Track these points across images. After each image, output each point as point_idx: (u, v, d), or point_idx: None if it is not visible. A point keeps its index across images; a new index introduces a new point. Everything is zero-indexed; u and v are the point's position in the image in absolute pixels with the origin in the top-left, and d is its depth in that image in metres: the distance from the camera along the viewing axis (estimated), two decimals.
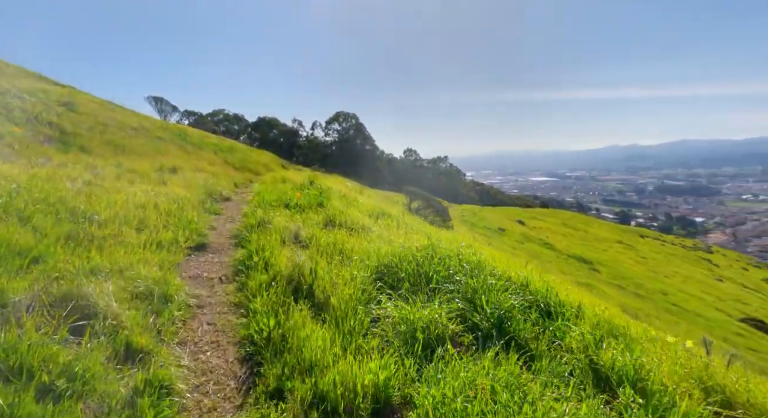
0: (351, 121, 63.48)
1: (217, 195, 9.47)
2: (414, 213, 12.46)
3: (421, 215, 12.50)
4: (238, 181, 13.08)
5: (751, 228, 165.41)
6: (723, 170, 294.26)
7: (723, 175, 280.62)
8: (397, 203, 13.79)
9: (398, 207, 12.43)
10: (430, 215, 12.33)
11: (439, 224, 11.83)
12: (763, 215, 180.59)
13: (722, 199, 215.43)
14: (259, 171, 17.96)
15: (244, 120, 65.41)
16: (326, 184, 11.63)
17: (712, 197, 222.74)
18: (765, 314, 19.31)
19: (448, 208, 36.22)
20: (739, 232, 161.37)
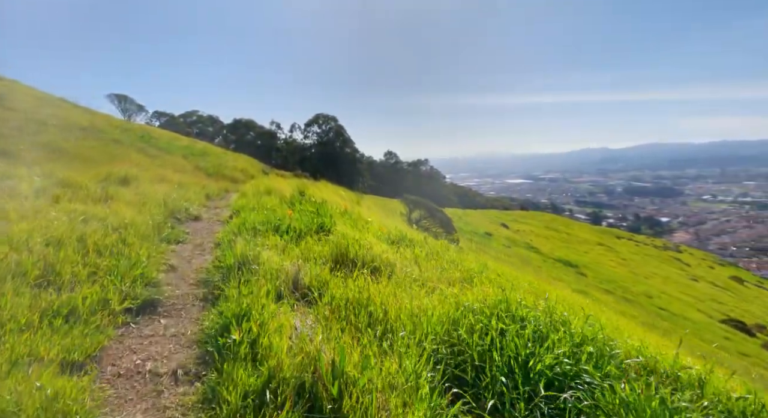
0: (331, 123, 62.45)
1: (183, 213, 7.44)
2: (414, 224, 11.48)
3: (422, 226, 11.51)
4: (212, 191, 10.98)
5: (711, 227, 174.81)
6: (686, 172, 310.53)
7: (686, 177, 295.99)
8: (395, 212, 12.78)
9: (398, 218, 11.47)
10: (434, 226, 11.34)
11: (444, 237, 10.85)
12: (722, 214, 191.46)
13: (685, 200, 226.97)
14: (237, 178, 15.70)
15: (219, 122, 63.23)
16: (320, 196, 10.20)
17: (675, 198, 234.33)
18: (740, 313, 19.90)
19: None
20: (700, 231, 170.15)
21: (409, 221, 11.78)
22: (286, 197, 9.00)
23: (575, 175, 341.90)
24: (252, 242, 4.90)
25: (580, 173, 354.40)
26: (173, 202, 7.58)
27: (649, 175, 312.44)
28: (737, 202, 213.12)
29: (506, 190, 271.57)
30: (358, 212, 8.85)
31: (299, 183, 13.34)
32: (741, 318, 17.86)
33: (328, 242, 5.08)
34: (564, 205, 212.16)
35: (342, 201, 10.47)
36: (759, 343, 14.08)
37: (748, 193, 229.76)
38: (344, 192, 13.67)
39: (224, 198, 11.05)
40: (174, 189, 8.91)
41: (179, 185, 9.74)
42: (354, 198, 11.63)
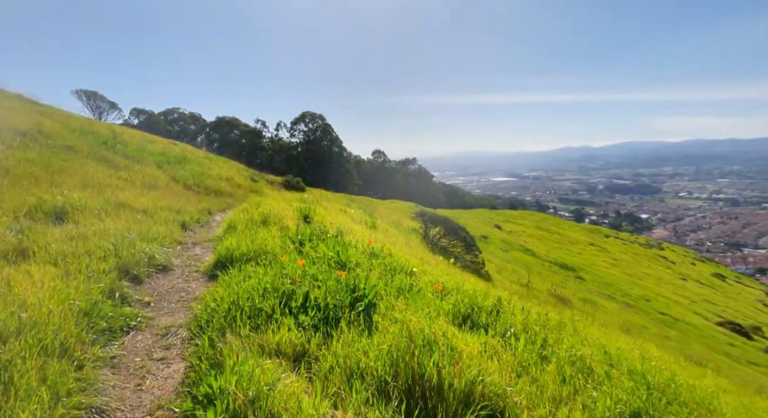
0: (318, 121, 61.24)
1: (143, 264, 4.85)
2: (434, 244, 10.18)
3: (440, 245, 10.15)
4: (189, 216, 8.17)
5: (687, 223, 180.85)
6: (663, 170, 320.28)
7: (663, 175, 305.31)
8: (401, 220, 11.58)
9: (414, 238, 10.14)
10: (457, 246, 10.23)
11: (467, 262, 9.49)
12: (698, 211, 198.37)
13: (663, 197, 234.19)
14: (222, 191, 13.31)
15: (201, 120, 61.22)
16: (327, 218, 7.91)
17: (654, 195, 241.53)
18: (732, 314, 20.10)
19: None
20: (678, 227, 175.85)
21: (425, 238, 10.57)
22: (289, 229, 6.33)
23: (558, 173, 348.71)
24: (252, 346, 2.75)
25: (562, 171, 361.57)
26: (130, 246, 4.93)
27: (629, 173, 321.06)
28: (711, 198, 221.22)
29: (492, 188, 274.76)
30: (390, 250, 5.72)
31: (300, 202, 10.27)
32: (734, 319, 17.98)
33: (378, 335, 2.91)
34: (548, 202, 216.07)
35: (355, 225, 8.34)
36: (760, 347, 14.08)
37: (721, 191, 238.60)
38: (354, 210, 11.10)
39: (206, 225, 8.44)
40: (136, 221, 6.17)
41: (144, 213, 6.95)
42: (367, 220, 9.32)
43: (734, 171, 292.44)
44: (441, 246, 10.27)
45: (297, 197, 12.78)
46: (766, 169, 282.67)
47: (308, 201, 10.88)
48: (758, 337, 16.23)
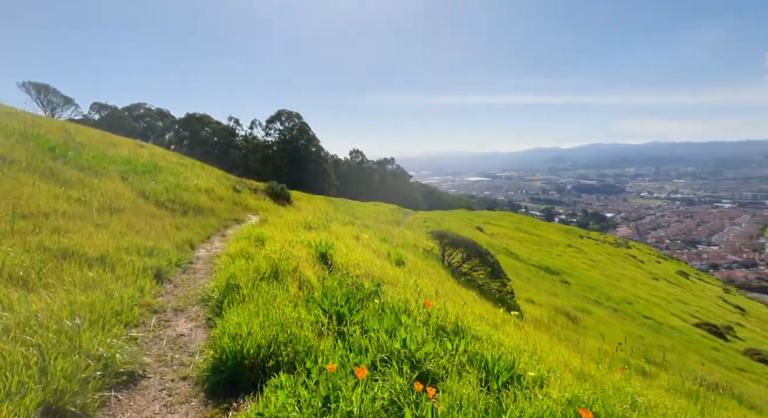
0: (294, 120, 59.61)
1: (91, 384, 2.67)
2: (454, 270, 8.66)
3: (461, 271, 8.86)
4: (166, 259, 5.93)
5: (648, 221, 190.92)
6: (626, 171, 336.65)
7: (626, 176, 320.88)
8: (412, 244, 10.45)
9: (435, 263, 8.30)
10: (479, 269, 8.74)
11: (494, 292, 8.26)
12: (657, 210, 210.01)
13: (626, 197, 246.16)
14: (203, 207, 11.02)
15: (170, 116, 58.14)
16: (357, 263, 5.83)
17: (618, 195, 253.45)
18: (705, 314, 20.92)
19: (408, 215, 35.10)
20: (640, 225, 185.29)
21: (442, 261, 9.22)
22: (312, 287, 4.62)
23: (529, 174, 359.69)
24: None
25: (533, 172, 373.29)
26: (72, 348, 2.87)
27: (595, 174, 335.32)
28: (669, 198, 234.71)
29: (465, 187, 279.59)
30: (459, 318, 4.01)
31: (304, 228, 8.03)
32: (707, 319, 18.68)
33: None
34: (520, 202, 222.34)
35: (379, 260, 6.42)
36: (738, 349, 14.56)
37: (678, 191, 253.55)
38: (368, 233, 8.94)
39: (190, 269, 6.19)
40: (86, 286, 4.03)
41: (101, 264, 4.71)
42: (390, 252, 7.46)
43: (689, 172, 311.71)
44: (462, 272, 8.79)
45: (297, 221, 9.14)
46: (717, 170, 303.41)
47: (314, 226, 8.44)
48: (731, 337, 16.90)
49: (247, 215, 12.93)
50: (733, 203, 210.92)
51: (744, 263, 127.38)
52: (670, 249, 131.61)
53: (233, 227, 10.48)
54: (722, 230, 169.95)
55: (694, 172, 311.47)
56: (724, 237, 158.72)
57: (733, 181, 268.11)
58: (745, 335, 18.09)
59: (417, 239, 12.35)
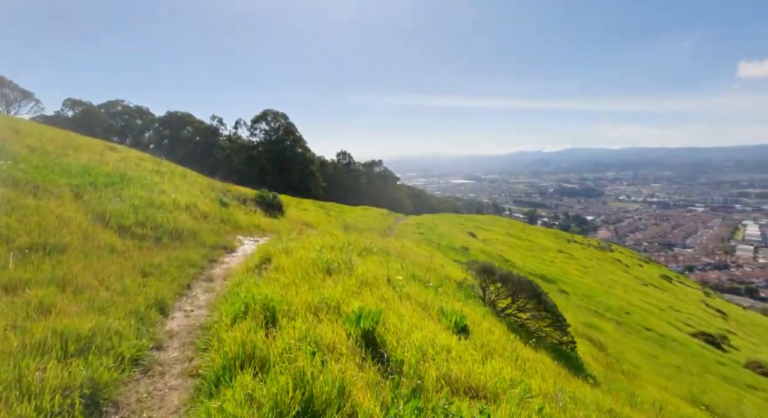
0: (280, 120, 58.20)
1: None
2: (499, 312, 7.09)
3: (507, 313, 7.22)
4: (106, 356, 3.36)
5: (626, 224, 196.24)
6: (605, 175, 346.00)
7: (605, 179, 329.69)
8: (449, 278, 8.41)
9: (476, 305, 6.72)
10: (531, 317, 7.01)
11: (551, 341, 6.74)
12: (635, 213, 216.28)
13: (605, 200, 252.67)
14: (181, 231, 8.54)
15: (149, 114, 55.87)
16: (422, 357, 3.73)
17: (597, 198, 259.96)
18: (697, 321, 20.98)
19: (400, 219, 34.36)
20: (619, 228, 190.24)
21: (483, 300, 7.48)
22: None
23: (513, 177, 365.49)
24: None
25: (517, 175, 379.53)
26: None
27: (576, 177, 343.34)
28: (646, 202, 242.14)
29: (451, 189, 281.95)
30: None
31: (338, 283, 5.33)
32: (702, 328, 18.68)
33: None
34: (504, 204, 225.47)
35: (430, 322, 4.70)
36: (739, 362, 14.44)
37: (654, 194, 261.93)
38: (418, 288, 6.23)
39: (153, 367, 3.69)
40: None
41: None
42: (448, 312, 5.13)
43: (665, 177, 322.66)
44: (507, 314, 7.14)
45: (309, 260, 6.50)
46: (691, 175, 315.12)
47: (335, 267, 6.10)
48: (727, 347, 16.87)
49: (238, 237, 10.22)
50: (706, 207, 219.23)
51: (716, 265, 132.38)
52: (648, 251, 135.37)
53: (222, 260, 7.89)
54: (696, 233, 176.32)
55: (670, 177, 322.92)
56: (697, 240, 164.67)
57: (705, 186, 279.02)
58: (738, 343, 18.14)
59: (445, 267, 10.56)
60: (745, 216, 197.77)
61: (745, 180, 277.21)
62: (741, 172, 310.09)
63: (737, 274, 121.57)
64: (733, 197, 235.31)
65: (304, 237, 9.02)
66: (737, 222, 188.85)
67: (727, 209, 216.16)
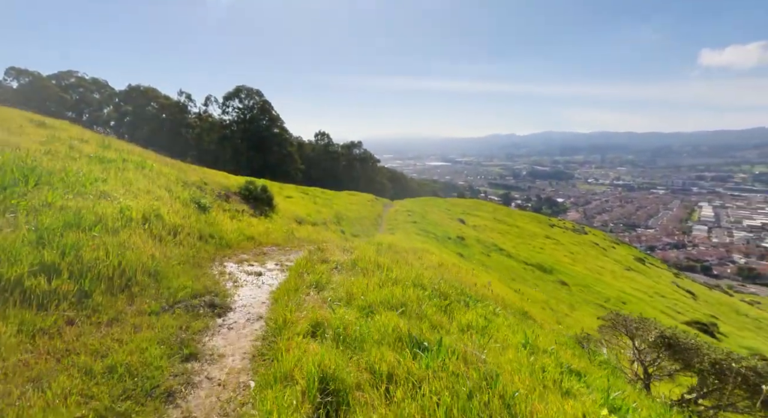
0: (255, 98, 54.65)
1: None
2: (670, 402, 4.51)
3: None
4: None
5: (594, 206, 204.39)
6: (575, 158, 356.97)
7: (575, 162, 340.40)
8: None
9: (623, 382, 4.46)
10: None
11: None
12: (602, 195, 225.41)
13: (575, 183, 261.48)
14: (133, 272, 4.89)
15: (108, 88, 50.90)
16: None
17: (568, 181, 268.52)
18: (683, 307, 21.44)
19: (388, 206, 33.16)
20: (587, 210, 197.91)
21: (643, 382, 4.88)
22: None
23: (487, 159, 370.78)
24: None
25: (491, 157, 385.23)
26: None
27: (548, 160, 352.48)
28: (613, 184, 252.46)
29: (427, 172, 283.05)
30: None
31: None
32: (692, 316, 19.05)
33: None
34: (479, 187, 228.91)
35: None
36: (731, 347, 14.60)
37: (620, 177, 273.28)
38: None
39: None
40: None
41: None
42: None
43: (629, 160, 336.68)
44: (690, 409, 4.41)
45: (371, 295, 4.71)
46: (653, 159, 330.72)
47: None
48: (719, 335, 17.23)
49: (228, 267, 6.49)
50: (666, 190, 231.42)
51: (675, 245, 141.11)
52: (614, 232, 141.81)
53: (209, 343, 3.97)
54: (657, 214, 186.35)
55: (634, 161, 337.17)
56: (658, 221, 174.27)
57: (666, 170, 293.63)
58: (724, 329, 18.61)
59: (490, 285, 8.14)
60: (701, 198, 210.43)
61: (702, 164, 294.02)
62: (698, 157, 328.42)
63: (693, 253, 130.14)
64: (690, 180, 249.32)
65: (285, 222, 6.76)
66: (694, 204, 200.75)
67: (685, 191, 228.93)
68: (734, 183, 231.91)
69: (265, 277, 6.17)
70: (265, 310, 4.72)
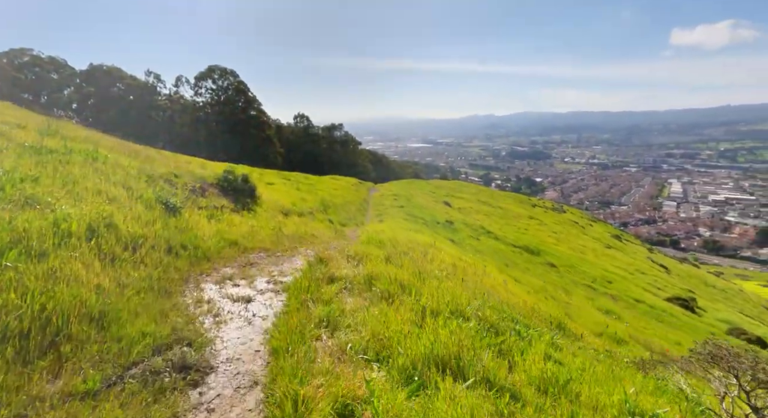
0: (229, 78, 51.93)
1: None
2: None
3: None
4: None
5: (571, 185, 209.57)
6: (552, 138, 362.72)
7: (552, 142, 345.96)
8: None
9: None
10: None
11: None
12: (578, 174, 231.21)
13: (552, 162, 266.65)
14: (78, 353, 3.09)
15: (67, 67, 47.15)
16: None
17: (545, 160, 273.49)
18: (663, 283, 22.20)
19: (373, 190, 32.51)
20: (564, 188, 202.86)
21: None
22: None
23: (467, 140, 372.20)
24: None
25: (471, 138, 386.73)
26: None
27: (526, 141, 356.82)
28: (588, 163, 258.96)
29: (408, 154, 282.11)
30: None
31: None
32: (673, 292, 19.74)
33: None
34: (460, 168, 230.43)
35: None
36: (721, 328, 15.17)
37: (595, 156, 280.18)
38: None
39: None
40: None
41: None
42: None
43: (604, 139, 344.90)
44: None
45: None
46: (627, 138, 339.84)
47: None
48: (698, 309, 17.92)
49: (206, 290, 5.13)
50: (638, 167, 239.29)
51: (647, 220, 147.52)
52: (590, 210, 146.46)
53: None
54: (630, 192, 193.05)
55: (608, 140, 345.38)
56: (631, 198, 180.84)
57: (638, 148, 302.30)
58: (701, 303, 19.41)
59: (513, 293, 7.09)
60: (671, 175, 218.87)
61: (672, 142, 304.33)
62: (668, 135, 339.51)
63: (663, 228, 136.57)
64: (661, 158, 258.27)
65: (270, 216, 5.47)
66: (664, 181, 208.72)
67: (656, 169, 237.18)
68: (701, 160, 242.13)
69: (255, 304, 4.82)
70: (261, 367, 3.39)
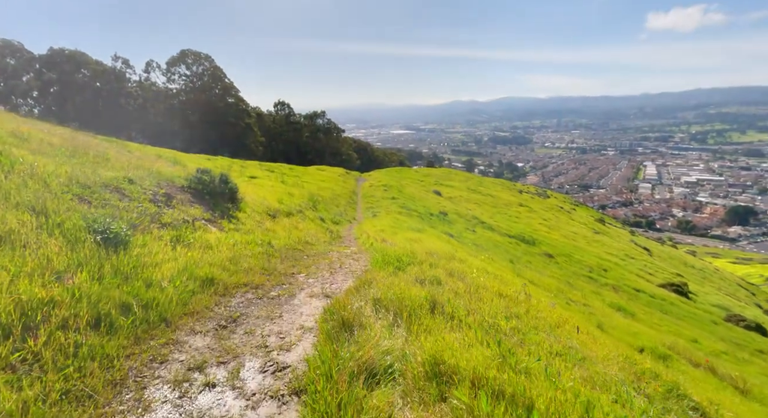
0: (204, 63, 49.16)
1: None
2: None
3: None
4: None
5: (551, 169, 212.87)
6: (533, 123, 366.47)
7: (533, 127, 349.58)
8: None
9: None
10: None
11: None
12: (558, 159, 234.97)
13: (533, 147, 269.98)
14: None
15: (24, 51, 43.51)
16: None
17: (527, 145, 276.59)
18: (655, 269, 22.36)
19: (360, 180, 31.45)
20: (545, 173, 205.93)
21: None
22: None
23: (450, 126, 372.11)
24: None
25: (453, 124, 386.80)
26: None
27: (508, 126, 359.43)
28: (568, 147, 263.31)
29: (391, 140, 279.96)
30: None
31: None
32: (666, 278, 19.87)
33: None
34: (443, 154, 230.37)
35: None
36: (720, 315, 15.23)
37: (574, 141, 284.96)
38: None
39: None
40: None
41: None
42: None
43: (583, 124, 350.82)
44: None
45: None
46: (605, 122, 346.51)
47: None
48: (691, 295, 18.08)
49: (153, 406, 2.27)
50: (616, 151, 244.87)
51: (624, 202, 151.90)
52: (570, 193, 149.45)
53: None
54: (608, 175, 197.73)
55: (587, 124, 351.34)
56: (609, 181, 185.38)
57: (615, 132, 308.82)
58: (693, 288, 19.65)
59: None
60: (646, 158, 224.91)
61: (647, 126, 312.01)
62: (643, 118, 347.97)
63: (639, 209, 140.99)
64: (636, 141, 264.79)
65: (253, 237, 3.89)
66: (639, 163, 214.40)
67: (632, 152, 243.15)
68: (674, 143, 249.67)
69: None
70: None
